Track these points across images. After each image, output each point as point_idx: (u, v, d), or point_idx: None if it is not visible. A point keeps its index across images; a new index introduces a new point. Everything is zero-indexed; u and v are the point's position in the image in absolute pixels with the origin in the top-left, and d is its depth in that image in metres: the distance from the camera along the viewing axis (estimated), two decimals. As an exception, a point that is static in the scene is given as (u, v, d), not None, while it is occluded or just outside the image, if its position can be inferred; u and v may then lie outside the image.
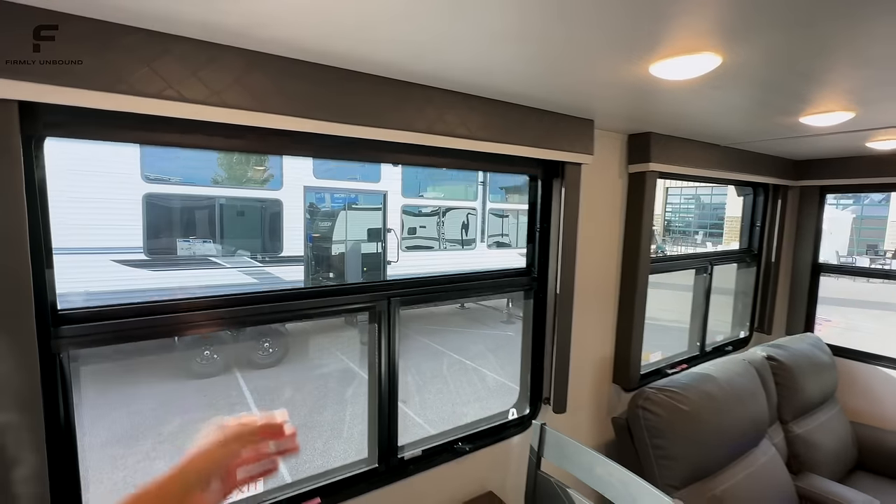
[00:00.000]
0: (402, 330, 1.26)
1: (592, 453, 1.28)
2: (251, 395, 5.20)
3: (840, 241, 15.92)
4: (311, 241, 8.10)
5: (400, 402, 1.27)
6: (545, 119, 1.34)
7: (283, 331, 6.35)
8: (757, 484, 1.66)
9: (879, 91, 1.08)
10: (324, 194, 8.39)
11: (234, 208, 6.79)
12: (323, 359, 6.32)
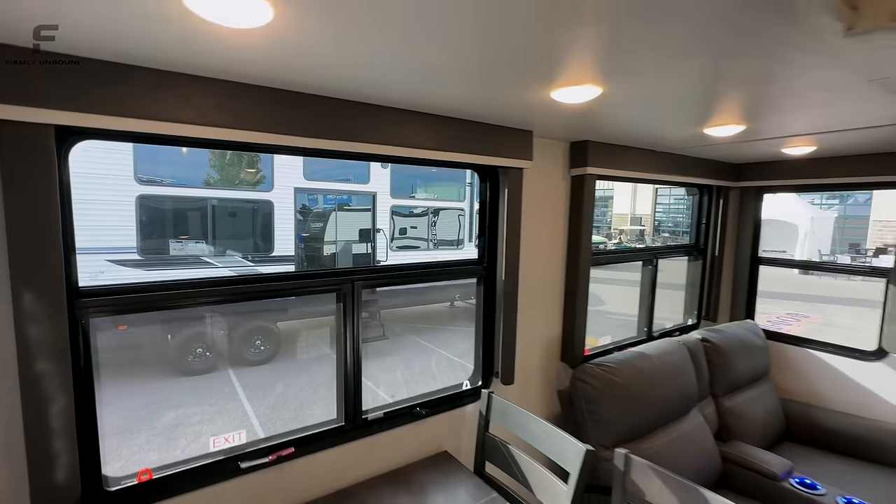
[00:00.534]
0: (394, 329, 1.49)
1: (528, 414, 1.51)
2: (243, 390, 5.38)
3: (823, 240, 16.30)
4: (303, 242, 8.27)
5: (389, 396, 1.48)
6: (489, 131, 1.58)
7: (274, 329, 6.53)
8: (682, 446, 1.90)
9: (761, 107, 1.33)
10: (316, 196, 8.58)
11: (225, 209, 6.96)
12: (313, 355, 6.50)
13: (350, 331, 1.45)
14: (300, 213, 8.64)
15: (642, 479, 1.23)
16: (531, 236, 1.87)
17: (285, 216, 7.20)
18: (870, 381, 2.32)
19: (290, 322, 7.15)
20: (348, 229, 8.43)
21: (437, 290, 8.32)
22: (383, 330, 7.67)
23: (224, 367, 5.95)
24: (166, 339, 5.61)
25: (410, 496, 1.40)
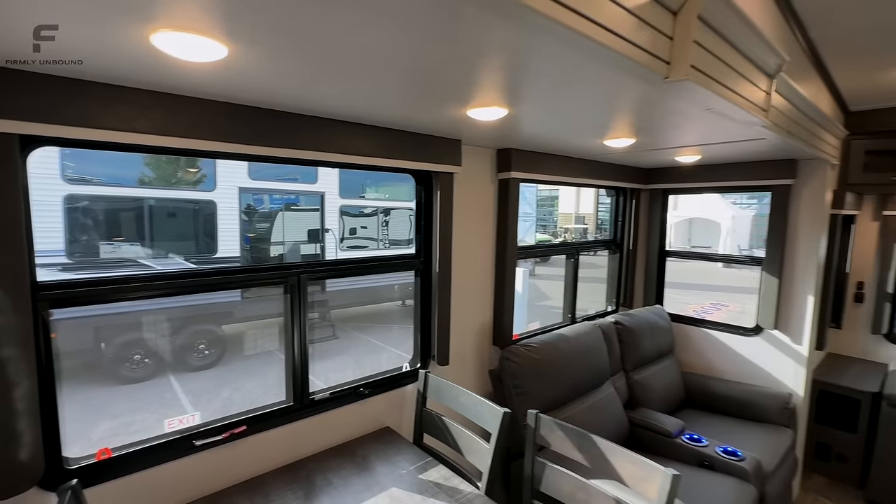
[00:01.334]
0: (345, 329, 1.64)
1: (459, 388, 1.73)
2: (186, 397, 5.26)
3: (742, 236, 17.93)
4: (249, 243, 8.09)
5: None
6: (422, 140, 1.78)
7: (219, 332, 6.39)
8: (595, 413, 2.20)
9: (639, 126, 1.62)
10: (262, 195, 8.43)
11: (164, 210, 6.71)
12: (262, 357, 6.43)
13: (297, 319, 1.60)
14: (245, 213, 8.45)
15: (548, 433, 1.48)
16: (464, 233, 2.09)
17: (229, 217, 7.05)
18: (750, 353, 2.76)
19: (236, 325, 7.01)
20: (296, 230, 8.35)
21: (389, 289, 8.45)
22: (334, 330, 7.69)
23: (165, 374, 5.77)
24: (100, 346, 5.36)
25: (355, 466, 1.58)
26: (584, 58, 0.90)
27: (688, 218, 18.86)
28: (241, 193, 7.19)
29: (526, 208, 18.86)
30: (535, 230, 19.70)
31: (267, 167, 7.70)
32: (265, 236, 8.33)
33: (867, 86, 2.37)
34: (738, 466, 2.00)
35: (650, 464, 1.21)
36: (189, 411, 4.84)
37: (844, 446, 2.82)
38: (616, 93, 1.16)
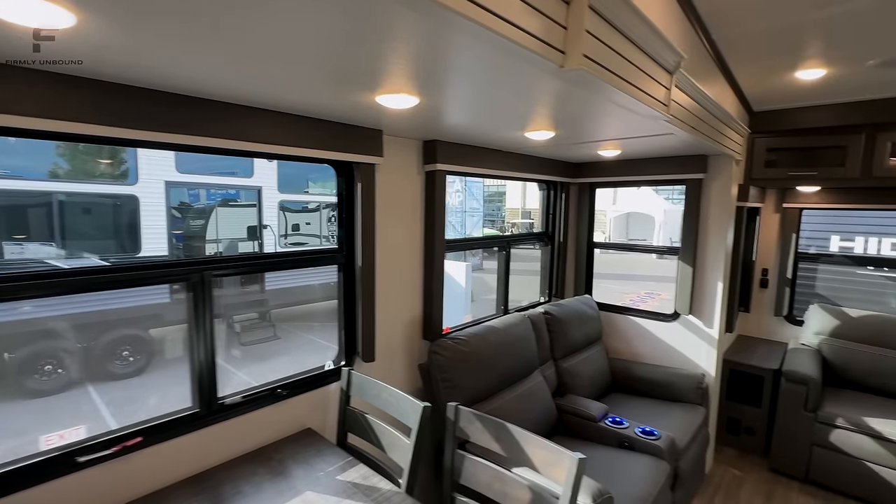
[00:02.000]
0: (287, 328, 1.53)
1: (381, 384, 1.69)
2: (107, 408, 4.86)
3: (674, 229, 19.14)
4: (181, 241, 7.63)
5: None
6: (342, 130, 1.71)
7: (145, 337, 5.97)
8: (524, 402, 2.24)
9: (548, 120, 1.64)
10: (198, 190, 7.94)
11: (78, 205, 6.15)
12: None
13: (202, 320, 1.49)
14: (179, 209, 7.95)
15: (468, 425, 1.48)
16: (389, 226, 2.05)
17: (154, 213, 6.56)
18: (669, 338, 2.93)
19: (166, 329, 6.58)
20: (235, 227, 7.94)
21: (335, 286, 8.21)
22: (274, 330, 7.39)
23: (82, 384, 5.31)
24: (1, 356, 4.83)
25: (270, 471, 1.50)
26: (478, 45, 0.88)
27: (626, 213, 19.87)
28: (168, 188, 6.70)
29: (473, 203, 19.09)
30: (483, 225, 20.00)
31: (200, 160, 7.25)
32: (200, 233, 7.86)
33: (766, 87, 2.57)
34: (654, 445, 2.11)
35: (559, 449, 1.23)
36: (110, 423, 4.47)
37: (751, 420, 3.07)
38: (519, 83, 1.16)
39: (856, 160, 2.76)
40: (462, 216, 18.17)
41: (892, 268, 3.32)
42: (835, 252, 3.47)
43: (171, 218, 7.56)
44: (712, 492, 2.68)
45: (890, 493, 2.47)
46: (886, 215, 3.40)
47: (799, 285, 3.55)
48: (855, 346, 2.99)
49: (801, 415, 2.73)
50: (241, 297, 7.72)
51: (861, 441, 2.53)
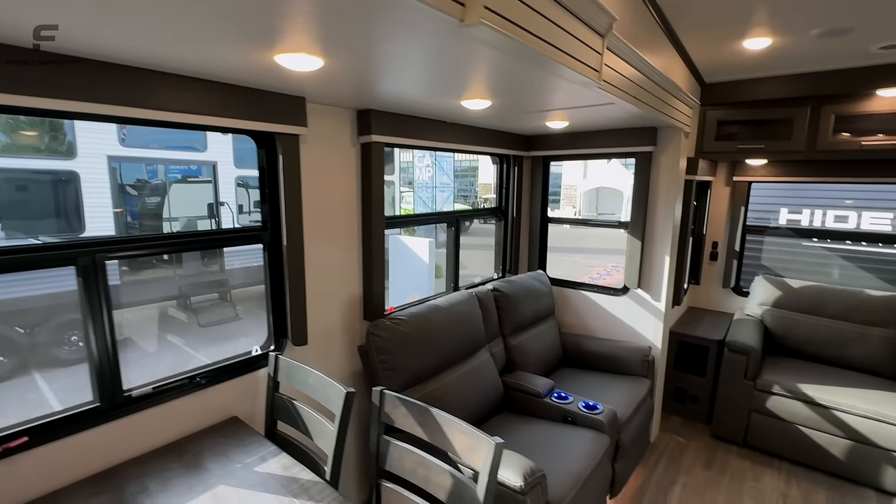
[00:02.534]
0: (251, 308, 1.39)
1: (307, 370, 1.60)
2: (55, 395, 4.64)
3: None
4: (137, 219, 7.30)
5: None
6: (260, 97, 1.56)
7: (96, 321, 5.66)
8: (468, 381, 2.20)
9: (483, 87, 1.54)
10: (156, 166, 7.55)
11: (10, 182, 5.72)
12: (151, 345, 5.83)
13: (99, 305, 1.35)
14: (134, 187, 7.57)
15: (392, 410, 1.42)
16: (322, 202, 1.92)
17: (98, 190, 6.15)
18: (619, 312, 2.95)
19: (119, 311, 6.30)
20: (194, 204, 7.60)
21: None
22: (236, 311, 7.19)
23: (27, 372, 5.05)
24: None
25: (183, 466, 1.40)
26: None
27: (596, 187, 20.07)
28: (110, 163, 6.29)
29: (444, 178, 18.87)
30: (455, 200, 19.85)
31: (153, 134, 6.84)
32: (156, 212, 7.50)
33: (716, 58, 2.52)
34: (595, 419, 2.12)
35: (478, 434, 1.19)
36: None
37: (696, 389, 3.16)
38: (424, 43, 1.05)
39: (801, 133, 2.78)
40: (432, 191, 17.96)
41: (834, 239, 3.42)
42: (781, 225, 3.54)
43: (127, 196, 7.17)
44: (656, 459, 2.76)
45: (820, 454, 2.59)
46: (833, 188, 3.48)
47: (746, 258, 3.63)
48: (794, 316, 3.09)
49: (742, 383, 2.81)
50: (200, 277, 7.44)
51: (795, 406, 2.64)
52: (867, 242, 3.29)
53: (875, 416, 2.41)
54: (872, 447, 2.44)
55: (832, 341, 2.94)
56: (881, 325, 2.83)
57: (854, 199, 3.39)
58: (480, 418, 2.22)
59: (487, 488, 1.14)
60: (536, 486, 1.56)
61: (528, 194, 3.22)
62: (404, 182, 17.48)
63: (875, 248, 3.27)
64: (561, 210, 22.04)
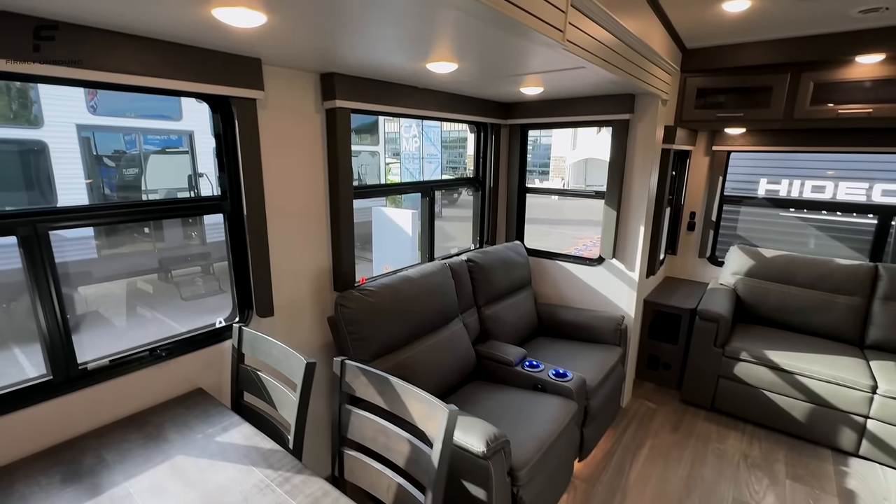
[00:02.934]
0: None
1: (270, 340, 1.59)
2: (36, 370, 4.60)
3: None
4: (115, 191, 7.14)
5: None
6: (213, 58, 1.48)
7: (74, 295, 5.65)
8: (440, 350, 2.22)
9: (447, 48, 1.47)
10: (134, 136, 7.31)
11: (-25, 152, 5.50)
12: (130, 320, 5.78)
13: (42, 280, 1.31)
14: (112, 158, 7.37)
15: (353, 379, 1.41)
16: (285, 170, 1.86)
17: (69, 160, 5.95)
18: (594, 282, 2.97)
19: (99, 286, 6.21)
20: (173, 176, 7.42)
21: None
22: (219, 284, 7.13)
23: (7, 347, 5.00)
24: None
25: (143, 437, 1.40)
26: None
27: (584, 158, 19.95)
28: (80, 132, 6.06)
29: (431, 149, 18.57)
30: (443, 171, 19.59)
31: (126, 102, 6.59)
32: (134, 184, 7.31)
33: (696, 21, 2.45)
34: (564, 387, 2.16)
35: (433, 402, 1.19)
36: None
37: (669, 356, 3.23)
38: (372, 2, 0.98)
39: (780, 102, 2.75)
40: (419, 163, 17.68)
41: (810, 210, 3.45)
42: (757, 195, 3.55)
43: (104, 167, 6.97)
44: (626, 423, 2.84)
45: (782, 417, 2.69)
46: (813, 158, 3.48)
47: (723, 228, 3.66)
48: (765, 285, 3.14)
49: (711, 350, 2.88)
50: (181, 250, 7.33)
51: (760, 372, 2.71)
52: (842, 212, 3.33)
53: (835, 380, 2.50)
54: (831, 409, 2.53)
55: (800, 309, 3.00)
56: (847, 293, 2.89)
57: (834, 170, 3.41)
58: (452, 387, 2.25)
59: (442, 454, 1.15)
60: (499, 452, 1.59)
61: (505, 164, 3.17)
62: (392, 153, 17.17)
63: (847, 218, 3.31)
64: (550, 181, 21.96)
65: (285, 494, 1.16)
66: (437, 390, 2.13)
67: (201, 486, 1.19)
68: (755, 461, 2.51)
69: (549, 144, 23.29)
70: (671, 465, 2.47)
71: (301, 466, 1.27)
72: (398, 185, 6.28)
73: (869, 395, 2.42)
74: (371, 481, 1.36)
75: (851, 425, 2.49)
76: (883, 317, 2.78)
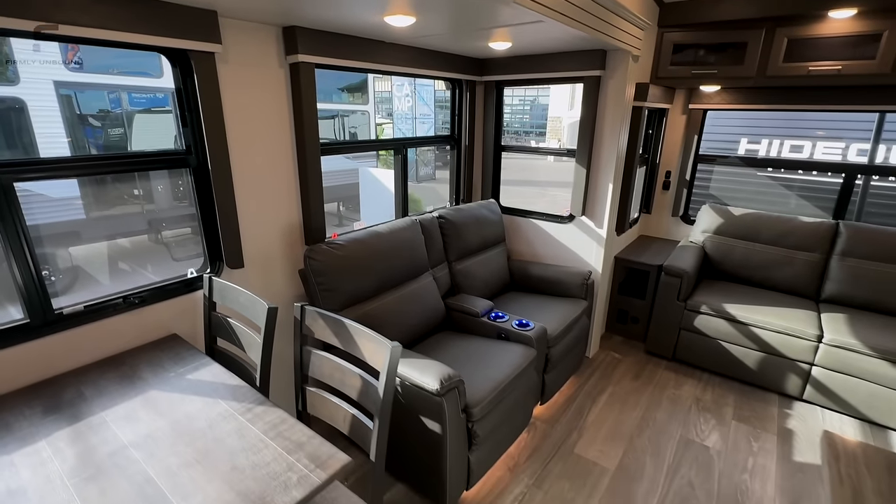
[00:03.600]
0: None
1: (238, 289, 1.68)
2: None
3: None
4: (101, 151, 7.04)
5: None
6: (166, 10, 1.49)
7: (65, 255, 5.72)
8: (409, 302, 2.33)
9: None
10: (118, 94, 7.14)
11: (-48, 111, 5.40)
12: (126, 282, 5.87)
13: (14, 229, 1.38)
14: (96, 117, 7.23)
15: (312, 322, 1.52)
16: (250, 125, 1.90)
17: (49, 119, 5.86)
18: (565, 239, 3.06)
19: (90, 246, 6.27)
20: (160, 136, 7.32)
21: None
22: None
23: (3, 307, 5.10)
24: None
25: (119, 375, 1.51)
26: None
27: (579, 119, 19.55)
28: (59, 89, 5.94)
29: (424, 109, 18.19)
30: (437, 132, 19.27)
31: (108, 59, 6.42)
32: (120, 144, 7.23)
33: (669, -27, 2.41)
34: (524, 335, 2.29)
35: (380, 339, 1.30)
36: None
37: (637, 311, 3.37)
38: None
39: (754, 58, 2.75)
40: (412, 123, 17.37)
41: (788, 169, 3.49)
42: (731, 154, 3.59)
43: (89, 127, 6.87)
44: (591, 372, 3.01)
45: (735, 365, 2.86)
46: (792, 117, 3.49)
47: (697, 187, 3.72)
48: (731, 242, 3.25)
49: (674, 304, 3.01)
50: (171, 211, 7.35)
51: (718, 324, 2.86)
52: (810, 172, 3.39)
53: (785, 330, 2.64)
54: (780, 358, 2.69)
55: (762, 265, 3.12)
56: (808, 249, 3.00)
57: (810, 129, 3.43)
58: (420, 336, 2.38)
59: (386, 385, 1.27)
60: (453, 390, 1.73)
61: (481, 121, 3.19)
62: (386, 113, 16.83)
63: (816, 178, 3.37)
64: (547, 142, 21.66)
65: (246, 422, 1.29)
66: (405, 339, 2.25)
67: (170, 415, 1.31)
68: (706, 405, 2.69)
69: (547, 105, 22.83)
70: (627, 409, 2.65)
71: (263, 399, 1.40)
72: (368, 142, 6.22)
73: (815, 344, 2.58)
74: (330, 413, 1.49)
75: (798, 372, 2.66)
76: (839, 272, 2.90)
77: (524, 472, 2.17)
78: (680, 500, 2.02)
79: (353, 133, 10.60)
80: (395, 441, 1.92)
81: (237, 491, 1.05)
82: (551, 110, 22.49)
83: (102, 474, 1.10)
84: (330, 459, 1.14)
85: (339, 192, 7.55)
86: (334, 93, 9.79)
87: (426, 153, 12.38)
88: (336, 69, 2.14)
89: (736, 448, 2.34)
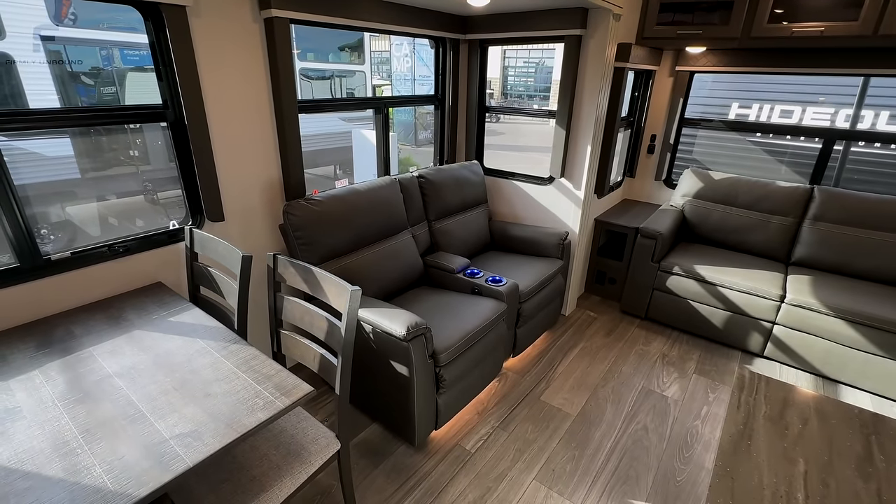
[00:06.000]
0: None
1: (216, 240, 1.78)
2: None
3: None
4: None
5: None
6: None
7: (62, 214, 5.80)
8: (386, 258, 2.43)
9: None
10: (110, 49, 7.02)
11: (-62, 66, 5.34)
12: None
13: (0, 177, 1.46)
14: (89, 75, 7.13)
15: (283, 270, 1.62)
16: (226, 81, 1.94)
17: (37, 75, 5.79)
18: (544, 200, 3.13)
19: (86, 205, 6.35)
20: (154, 94, 7.24)
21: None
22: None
23: None
24: None
25: (107, 317, 1.63)
26: None
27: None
28: (47, 45, 5.84)
29: (424, 70, 17.75)
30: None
31: (98, 13, 6.28)
32: (113, 102, 7.17)
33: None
34: (496, 290, 2.40)
35: (343, 284, 1.40)
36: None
37: (614, 272, 3.48)
38: None
39: (739, 19, 2.72)
40: (411, 84, 17.01)
41: (776, 134, 3.50)
42: (714, 118, 3.59)
43: (82, 86, 6.79)
44: (565, 328, 3.15)
45: (702, 323, 2.99)
46: (783, 80, 3.46)
47: (681, 151, 3.74)
48: (709, 206, 3.31)
49: (648, 265, 3.11)
50: (167, 172, 7.38)
51: (688, 284, 2.97)
52: (805, 138, 3.40)
53: (750, 290, 2.75)
54: (744, 316, 2.82)
55: (737, 228, 3.20)
56: (781, 213, 3.07)
57: (801, 95, 3.41)
58: (397, 290, 2.49)
59: (348, 324, 1.39)
60: (420, 336, 1.85)
61: (465, 81, 3.18)
62: (385, 74, 16.44)
63: (797, 143, 3.39)
64: (550, 104, 21.19)
65: (221, 357, 1.41)
66: (382, 292, 2.37)
67: (152, 351, 1.44)
68: (671, 360, 2.84)
69: (552, 67, 22.23)
70: (596, 362, 2.80)
71: (238, 339, 1.52)
72: (346, 100, 6.16)
73: (777, 304, 2.69)
74: (301, 353, 1.62)
75: (760, 330, 2.79)
76: (809, 236, 2.98)
77: (492, 415, 2.34)
78: (633, 441, 2.19)
79: (352, 94, 10.41)
80: (369, 384, 2.08)
81: (209, 413, 1.18)
82: (556, 74, 21.91)
83: (89, 397, 1.23)
84: (294, 389, 1.27)
85: (335, 156, 7.54)
86: (333, 52, 9.56)
87: (425, 116, 12.19)
88: (312, 24, 2.15)
89: (692, 398, 2.50)
